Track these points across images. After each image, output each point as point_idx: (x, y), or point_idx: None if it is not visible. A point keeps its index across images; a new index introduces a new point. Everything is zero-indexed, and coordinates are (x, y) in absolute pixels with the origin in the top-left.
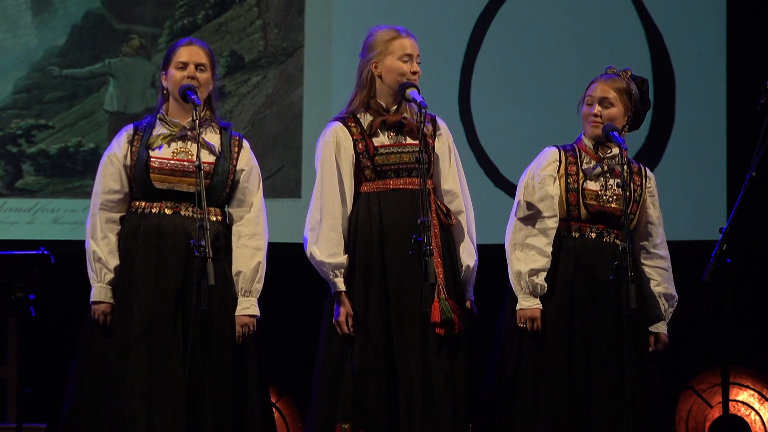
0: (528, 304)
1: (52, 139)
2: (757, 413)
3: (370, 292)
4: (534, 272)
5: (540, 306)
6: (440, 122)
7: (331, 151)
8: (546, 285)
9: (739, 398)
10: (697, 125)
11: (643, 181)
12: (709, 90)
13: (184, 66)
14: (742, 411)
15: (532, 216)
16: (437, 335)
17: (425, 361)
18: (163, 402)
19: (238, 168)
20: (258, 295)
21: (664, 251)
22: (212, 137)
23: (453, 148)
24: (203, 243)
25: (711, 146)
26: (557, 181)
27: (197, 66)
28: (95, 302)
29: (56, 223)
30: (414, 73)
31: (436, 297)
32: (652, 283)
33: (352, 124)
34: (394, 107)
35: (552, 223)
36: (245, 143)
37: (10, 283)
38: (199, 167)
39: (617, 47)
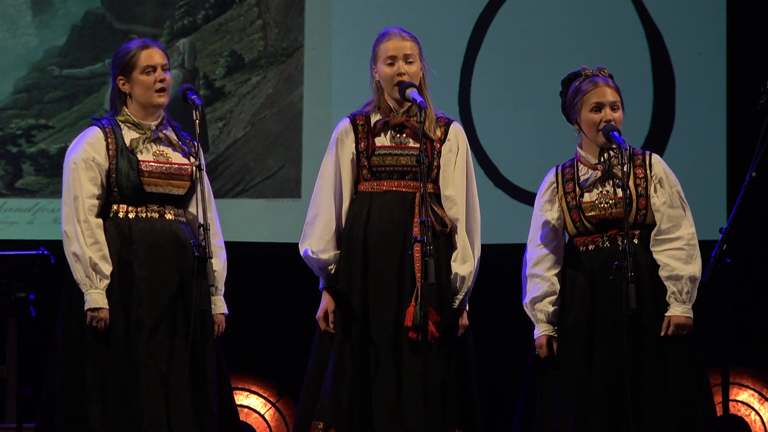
0: (536, 332)
1: (52, 139)
2: (757, 413)
3: (351, 291)
4: (536, 300)
5: (546, 332)
6: (454, 127)
7: (335, 148)
8: (552, 309)
9: (739, 398)
10: (697, 125)
11: (647, 172)
12: (709, 90)
13: (153, 69)
14: (742, 411)
15: (535, 245)
16: (410, 339)
17: (399, 363)
18: (177, 404)
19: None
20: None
21: (678, 232)
22: (174, 138)
23: (463, 154)
24: (203, 243)
25: (711, 146)
26: (557, 203)
27: (162, 68)
28: (95, 309)
29: (56, 223)
30: (400, 74)
31: (413, 301)
32: (659, 270)
33: (361, 122)
34: (403, 109)
35: (552, 248)
36: (196, 143)
37: (10, 283)
38: (199, 167)
39: (617, 47)
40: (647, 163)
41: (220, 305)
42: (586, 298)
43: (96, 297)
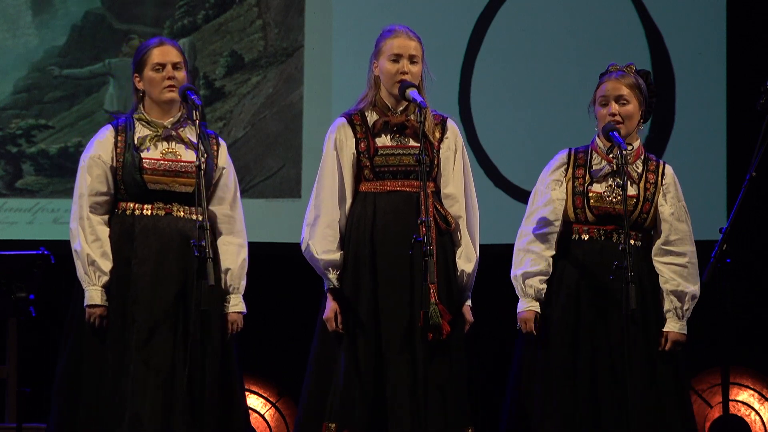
0: (523, 307)
1: (52, 139)
2: (757, 413)
3: (360, 291)
4: (528, 275)
5: (534, 308)
6: (450, 124)
7: (333, 148)
8: (543, 287)
9: (739, 398)
10: (697, 125)
11: (658, 179)
12: (709, 90)
13: (161, 67)
14: (742, 411)
15: (535, 221)
16: (426, 337)
17: (413, 363)
18: (166, 404)
19: (218, 166)
20: (243, 291)
21: (682, 247)
22: (193, 136)
23: (460, 151)
24: (203, 243)
25: (711, 146)
26: (564, 185)
27: (174, 65)
28: (91, 306)
29: (56, 223)
30: (403, 73)
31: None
32: (661, 281)
33: (358, 122)
34: (400, 108)
35: (553, 228)
36: (221, 141)
37: (10, 283)
38: (199, 167)
39: (617, 47)
40: (660, 170)
41: (235, 303)
42: (573, 287)
43: (93, 293)
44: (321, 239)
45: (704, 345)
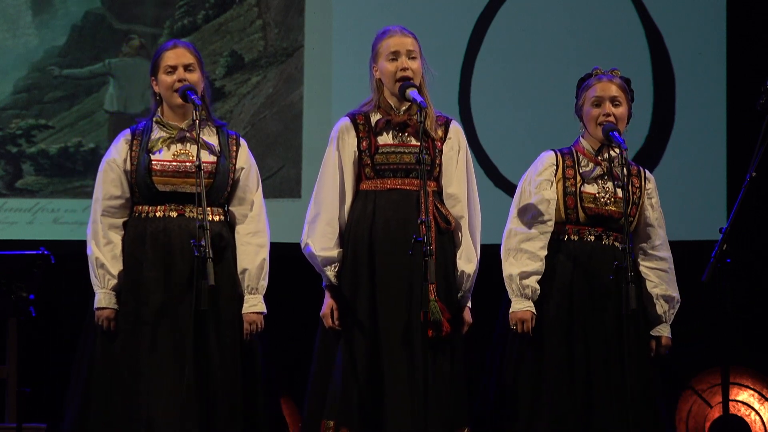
0: (519, 307)
1: (52, 139)
2: (757, 413)
3: (358, 289)
4: (525, 275)
5: (531, 309)
6: (453, 126)
7: (335, 147)
8: (538, 288)
9: (739, 398)
10: (697, 125)
11: (642, 183)
12: (709, 90)
13: (173, 69)
14: (742, 411)
15: (527, 221)
16: (426, 336)
17: (411, 362)
18: (177, 405)
19: (237, 166)
20: (264, 292)
21: (664, 252)
22: (210, 137)
23: (463, 152)
24: (203, 243)
25: (711, 146)
26: (554, 185)
27: (185, 67)
28: (99, 308)
29: (56, 223)
30: (403, 69)
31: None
32: (649, 285)
33: (361, 121)
34: (404, 107)
35: (546, 228)
36: (242, 141)
37: (10, 283)
38: (199, 167)
39: (617, 47)
40: (643, 175)
41: (252, 304)
42: (567, 285)
43: (101, 296)
44: (320, 237)
45: (704, 345)
